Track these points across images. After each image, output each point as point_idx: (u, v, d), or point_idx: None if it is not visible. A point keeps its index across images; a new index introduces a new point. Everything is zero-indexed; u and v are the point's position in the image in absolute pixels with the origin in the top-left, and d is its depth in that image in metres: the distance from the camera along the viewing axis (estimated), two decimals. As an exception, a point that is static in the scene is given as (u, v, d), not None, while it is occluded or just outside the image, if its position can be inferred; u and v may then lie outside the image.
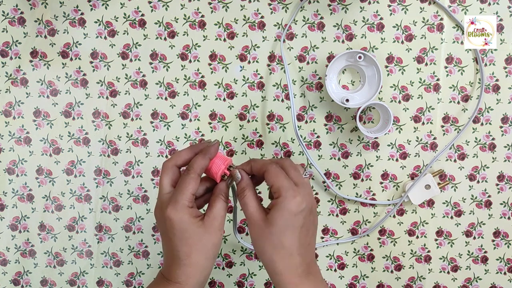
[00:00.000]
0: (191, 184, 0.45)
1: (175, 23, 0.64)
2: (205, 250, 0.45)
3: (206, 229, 0.45)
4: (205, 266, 0.46)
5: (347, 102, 0.60)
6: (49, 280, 0.68)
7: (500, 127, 0.65)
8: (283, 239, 0.44)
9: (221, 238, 0.46)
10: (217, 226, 0.46)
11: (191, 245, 0.45)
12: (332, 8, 0.64)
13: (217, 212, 0.46)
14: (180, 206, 0.45)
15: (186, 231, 0.45)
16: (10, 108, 0.66)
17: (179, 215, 0.45)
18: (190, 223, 0.45)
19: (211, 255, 0.46)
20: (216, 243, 0.46)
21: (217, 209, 0.46)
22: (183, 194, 0.45)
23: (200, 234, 0.45)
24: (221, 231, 0.46)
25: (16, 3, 0.64)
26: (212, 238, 0.45)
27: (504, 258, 0.67)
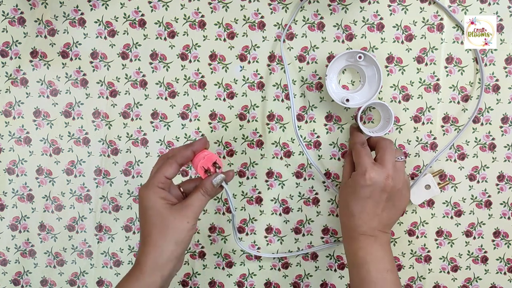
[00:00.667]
0: (166, 167, 0.48)
1: (175, 23, 0.64)
2: (166, 232, 0.46)
3: (172, 213, 0.46)
4: (164, 249, 0.46)
5: (347, 102, 0.60)
6: (49, 280, 0.68)
7: (500, 127, 0.65)
8: (349, 202, 0.56)
9: (188, 227, 0.46)
10: (186, 213, 0.46)
11: (152, 224, 0.46)
12: (332, 8, 0.64)
13: (190, 201, 0.47)
14: (150, 185, 0.47)
15: (150, 208, 0.46)
16: (10, 108, 0.66)
17: (147, 193, 0.47)
18: (155, 202, 0.46)
19: (172, 238, 0.46)
20: (180, 228, 0.46)
21: (192, 198, 0.48)
22: (156, 175, 0.48)
23: (164, 216, 0.46)
24: (188, 219, 0.46)
25: (16, 3, 0.64)
26: (176, 222, 0.46)
27: (504, 258, 0.67)
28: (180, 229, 0.46)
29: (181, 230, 0.46)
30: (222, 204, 0.67)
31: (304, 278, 0.68)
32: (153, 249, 0.46)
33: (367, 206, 0.54)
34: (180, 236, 0.46)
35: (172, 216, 0.46)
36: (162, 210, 0.46)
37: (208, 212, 0.67)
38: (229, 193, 0.51)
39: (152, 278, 0.45)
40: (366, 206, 0.54)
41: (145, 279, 0.45)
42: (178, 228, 0.46)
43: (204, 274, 0.68)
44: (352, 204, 0.55)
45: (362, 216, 0.55)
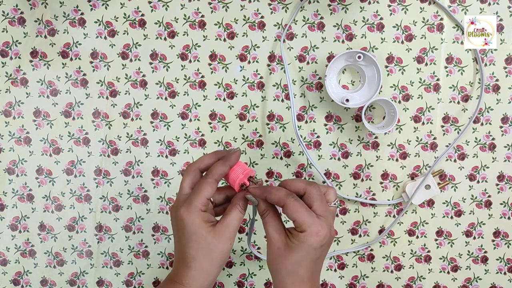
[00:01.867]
0: (206, 188, 0.46)
1: (175, 23, 0.64)
2: (212, 256, 0.46)
3: (216, 236, 0.45)
4: (210, 272, 0.46)
5: (347, 102, 0.60)
6: (49, 280, 0.68)
7: (500, 127, 0.65)
8: (299, 268, 0.45)
9: (230, 248, 0.46)
10: (228, 235, 0.46)
11: (198, 249, 0.45)
12: (332, 8, 0.64)
13: (230, 221, 0.46)
14: (193, 208, 0.45)
15: (195, 233, 0.45)
16: (10, 108, 0.66)
17: (191, 217, 0.45)
18: (200, 227, 0.45)
19: (217, 262, 0.46)
20: (224, 251, 0.46)
21: (231, 218, 0.46)
22: (198, 197, 0.45)
23: (209, 240, 0.45)
24: (231, 240, 0.46)
25: (16, 3, 0.64)
26: (221, 246, 0.46)
27: (504, 258, 0.67)
28: (224, 252, 0.46)
29: (224, 253, 0.46)
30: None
31: (304, 278, 0.68)
32: (199, 274, 0.46)
33: (316, 266, 0.47)
34: (224, 258, 0.46)
35: (216, 240, 0.45)
36: (206, 234, 0.45)
37: (208, 212, 0.67)
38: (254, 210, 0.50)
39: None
40: (315, 267, 0.47)
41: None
42: (222, 252, 0.46)
43: (204, 274, 0.68)
44: (302, 269, 0.46)
45: (312, 279, 0.47)
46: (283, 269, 0.46)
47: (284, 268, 0.46)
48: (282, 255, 0.46)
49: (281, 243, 0.46)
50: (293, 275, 0.46)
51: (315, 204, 0.46)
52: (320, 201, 0.46)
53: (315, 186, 0.47)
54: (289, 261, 0.45)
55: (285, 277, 0.46)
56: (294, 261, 0.45)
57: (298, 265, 0.45)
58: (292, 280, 0.46)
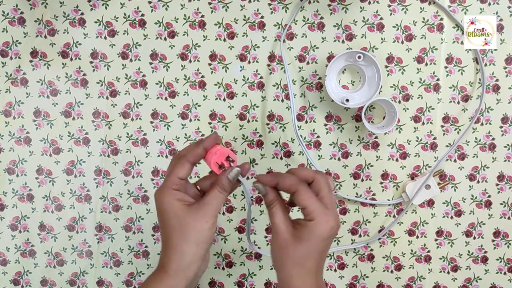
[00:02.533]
0: (178, 168, 0.46)
1: (175, 23, 0.64)
2: (186, 234, 0.45)
3: (190, 214, 0.45)
4: (185, 251, 0.45)
5: (347, 102, 0.60)
6: (49, 280, 0.68)
7: (500, 127, 0.65)
8: (307, 260, 0.44)
9: (206, 226, 0.45)
10: (203, 213, 0.45)
11: (171, 226, 0.45)
12: (332, 8, 0.64)
13: (207, 200, 0.46)
14: (164, 187, 0.46)
15: (167, 212, 0.45)
16: (10, 108, 0.66)
17: (162, 196, 0.46)
18: (171, 205, 0.45)
19: (192, 240, 0.45)
20: (198, 229, 0.45)
21: (208, 197, 0.46)
22: (169, 177, 0.46)
23: (182, 217, 0.45)
24: (206, 218, 0.45)
25: (16, 3, 0.64)
26: (194, 223, 0.45)
27: (504, 258, 0.67)
28: (200, 230, 0.45)
29: (201, 231, 0.45)
30: (222, 204, 0.67)
31: (304, 278, 0.68)
32: (174, 252, 0.45)
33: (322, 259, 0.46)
34: (201, 236, 0.45)
35: (189, 217, 0.45)
36: (179, 212, 0.45)
37: (208, 212, 0.67)
38: (246, 186, 0.48)
39: (177, 281, 0.45)
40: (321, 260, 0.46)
41: (170, 282, 0.45)
42: (198, 229, 0.45)
43: (204, 274, 0.68)
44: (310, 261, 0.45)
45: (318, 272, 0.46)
46: (290, 261, 0.45)
47: (291, 260, 0.44)
48: (289, 246, 0.44)
49: (289, 233, 0.45)
50: (300, 267, 0.44)
51: (322, 192, 0.45)
52: (328, 190, 0.45)
53: (323, 174, 0.47)
54: (297, 252, 0.44)
55: (292, 269, 0.44)
56: (302, 252, 0.44)
57: (306, 256, 0.44)
58: (299, 272, 0.45)
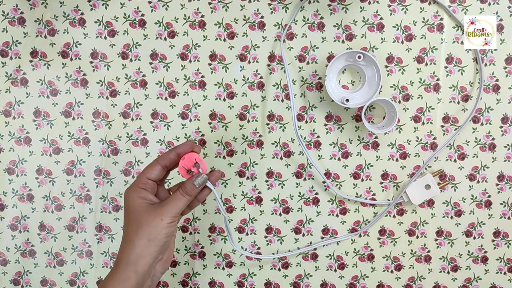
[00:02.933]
0: (147, 168, 0.49)
1: (175, 23, 0.64)
2: (139, 228, 0.46)
3: (147, 211, 0.47)
4: (136, 244, 0.46)
5: (347, 102, 0.60)
6: (49, 280, 0.68)
7: (500, 127, 0.65)
8: None
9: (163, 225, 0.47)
10: (160, 211, 0.47)
11: (129, 221, 0.47)
12: (332, 8, 0.64)
13: (168, 200, 0.48)
14: (132, 185, 0.49)
15: (128, 207, 0.48)
16: (10, 108, 0.66)
17: (128, 192, 0.49)
18: (134, 201, 0.48)
19: (144, 235, 0.46)
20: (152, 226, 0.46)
21: (170, 198, 0.48)
22: (139, 177, 0.49)
23: (139, 213, 0.47)
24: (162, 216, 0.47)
25: (16, 3, 0.64)
26: (150, 220, 0.46)
27: (504, 258, 0.67)
28: (153, 226, 0.46)
29: (153, 227, 0.46)
30: (222, 204, 0.67)
31: (304, 278, 0.68)
32: (125, 245, 0.47)
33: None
34: (153, 233, 0.46)
35: (146, 213, 0.47)
36: (138, 208, 0.47)
37: (208, 212, 0.67)
38: (216, 194, 0.50)
39: (126, 273, 0.46)
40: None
41: (120, 275, 0.46)
42: (151, 225, 0.46)
43: (204, 274, 0.68)
44: None
45: None
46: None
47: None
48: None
49: None
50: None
51: None
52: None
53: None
54: None
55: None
56: None
57: None
58: None
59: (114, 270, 0.46)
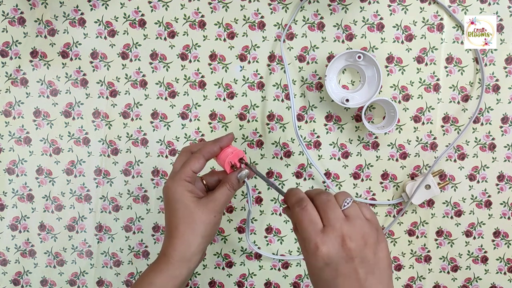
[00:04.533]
0: (192, 161, 0.47)
1: (175, 23, 0.64)
2: (194, 225, 0.46)
3: (199, 206, 0.46)
4: (192, 242, 0.46)
5: (347, 102, 0.60)
6: (49, 280, 0.68)
7: (500, 127, 0.65)
8: (315, 282, 0.41)
9: (213, 220, 0.47)
10: (212, 207, 0.47)
11: (180, 217, 0.46)
12: (332, 8, 0.64)
13: (217, 195, 0.47)
14: (177, 177, 0.47)
15: (177, 201, 0.46)
16: (10, 108, 0.66)
17: (174, 186, 0.47)
18: (183, 195, 0.46)
19: (199, 232, 0.46)
20: (206, 222, 0.46)
21: (218, 192, 0.48)
22: (183, 169, 0.47)
23: (191, 209, 0.46)
24: (215, 213, 0.47)
25: (16, 3, 0.64)
26: (203, 216, 0.46)
27: (504, 258, 0.67)
28: (207, 223, 0.46)
29: (207, 224, 0.46)
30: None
31: (304, 278, 0.68)
32: (180, 242, 0.46)
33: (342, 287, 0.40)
34: (207, 229, 0.46)
35: (199, 210, 0.46)
36: (189, 203, 0.46)
37: (208, 212, 0.67)
38: (250, 188, 0.50)
39: (179, 270, 0.46)
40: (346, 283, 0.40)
41: (173, 271, 0.45)
42: (205, 222, 0.46)
43: (204, 274, 0.68)
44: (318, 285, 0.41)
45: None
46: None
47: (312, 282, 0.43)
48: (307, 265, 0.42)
49: (303, 253, 0.42)
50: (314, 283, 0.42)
51: (320, 213, 0.41)
52: (324, 209, 0.41)
53: (323, 193, 0.42)
54: (311, 279, 0.42)
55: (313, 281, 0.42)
56: (311, 276, 0.41)
57: (314, 284, 0.41)
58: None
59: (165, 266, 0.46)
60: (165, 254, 0.46)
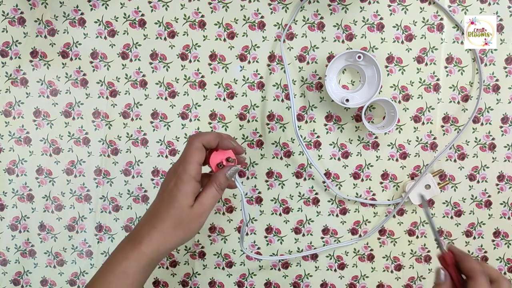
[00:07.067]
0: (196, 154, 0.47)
1: (175, 23, 0.64)
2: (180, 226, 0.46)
3: (191, 215, 0.46)
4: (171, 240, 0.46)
5: (347, 102, 0.60)
6: (49, 280, 0.68)
7: (500, 127, 0.65)
8: None
9: (199, 226, 0.47)
10: (201, 213, 0.47)
11: (172, 215, 0.46)
12: (332, 8, 0.64)
13: (205, 199, 0.47)
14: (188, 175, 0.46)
15: (177, 200, 0.46)
16: (10, 108, 0.66)
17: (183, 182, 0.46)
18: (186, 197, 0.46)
19: (181, 235, 0.46)
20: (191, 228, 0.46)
21: (206, 196, 0.47)
22: (190, 165, 0.46)
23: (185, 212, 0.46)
24: (202, 218, 0.47)
25: (16, 3, 0.64)
26: (192, 224, 0.46)
27: (504, 258, 0.67)
28: (192, 229, 0.47)
29: (192, 230, 0.47)
30: (222, 204, 0.67)
31: (304, 278, 0.68)
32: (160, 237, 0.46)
33: None
34: (189, 234, 0.47)
35: (189, 217, 0.46)
36: (186, 208, 0.46)
37: (208, 212, 0.67)
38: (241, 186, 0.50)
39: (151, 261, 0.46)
40: None
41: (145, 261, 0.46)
42: (190, 227, 0.46)
43: (204, 274, 0.69)
44: None
45: None
46: None
47: None
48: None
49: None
50: None
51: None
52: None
53: (508, 280, 0.43)
54: None
55: None
56: None
57: None
58: None
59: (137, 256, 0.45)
60: (140, 242, 0.46)
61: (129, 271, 0.45)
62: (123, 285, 0.45)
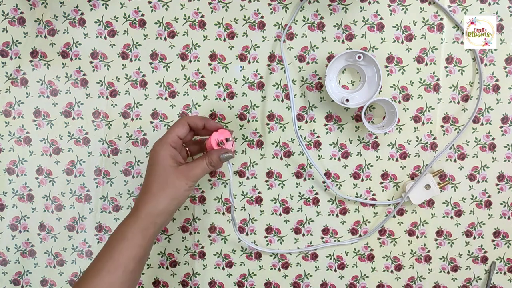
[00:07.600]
0: (178, 127, 0.53)
1: (175, 23, 0.64)
2: (166, 187, 0.51)
3: (176, 172, 0.51)
4: (161, 201, 0.51)
5: (347, 102, 0.60)
6: (49, 280, 0.68)
7: (500, 127, 0.65)
8: None
9: (185, 188, 0.51)
10: (186, 175, 0.51)
11: (156, 178, 0.51)
12: (332, 8, 0.64)
13: (194, 165, 0.52)
14: (163, 141, 0.52)
15: (158, 164, 0.51)
16: (10, 108, 0.66)
17: (159, 149, 0.52)
18: (164, 159, 0.51)
19: (169, 194, 0.51)
20: (178, 188, 0.51)
21: (196, 165, 0.52)
22: (169, 133, 0.53)
23: (168, 173, 0.51)
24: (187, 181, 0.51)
25: (16, 3, 0.64)
26: (177, 182, 0.51)
27: (504, 258, 0.67)
28: (178, 188, 0.51)
29: (178, 189, 0.51)
30: (222, 204, 0.67)
31: (304, 278, 0.68)
32: (151, 199, 0.51)
33: None
34: (177, 194, 0.51)
35: (174, 175, 0.51)
36: (167, 167, 0.51)
37: (208, 212, 0.67)
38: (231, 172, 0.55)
39: (147, 223, 0.50)
40: None
41: (141, 223, 0.50)
42: (177, 187, 0.51)
43: (204, 274, 0.69)
44: None
45: None
46: None
47: None
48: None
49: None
50: None
51: None
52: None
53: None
54: None
55: None
56: None
57: None
58: None
59: (134, 219, 0.50)
60: (136, 208, 0.51)
61: (127, 233, 0.50)
62: (123, 249, 0.49)
